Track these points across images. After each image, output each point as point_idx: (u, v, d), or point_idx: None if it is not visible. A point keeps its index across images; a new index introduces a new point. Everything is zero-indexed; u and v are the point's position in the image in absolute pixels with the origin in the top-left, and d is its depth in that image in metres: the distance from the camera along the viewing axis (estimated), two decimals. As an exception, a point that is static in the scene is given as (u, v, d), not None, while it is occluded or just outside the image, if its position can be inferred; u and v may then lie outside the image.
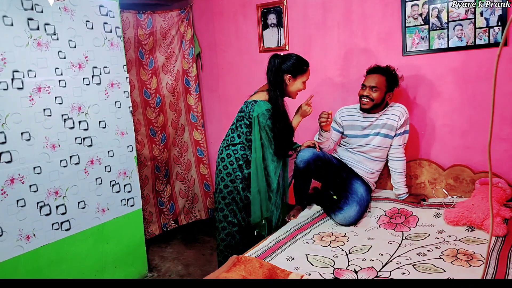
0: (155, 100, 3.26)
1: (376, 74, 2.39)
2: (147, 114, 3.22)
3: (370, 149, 2.46)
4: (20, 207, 2.06)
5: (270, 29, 3.11)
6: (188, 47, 3.40)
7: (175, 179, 3.45)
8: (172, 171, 3.43)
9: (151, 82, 3.23)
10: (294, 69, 2.26)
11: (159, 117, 3.28)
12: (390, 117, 2.40)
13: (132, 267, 2.66)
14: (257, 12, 3.13)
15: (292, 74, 2.26)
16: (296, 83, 2.29)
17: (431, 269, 1.75)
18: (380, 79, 2.37)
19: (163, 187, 3.35)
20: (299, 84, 2.30)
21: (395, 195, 2.51)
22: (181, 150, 3.46)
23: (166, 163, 3.36)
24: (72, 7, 2.25)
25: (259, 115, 2.24)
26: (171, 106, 3.36)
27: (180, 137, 3.45)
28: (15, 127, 2.02)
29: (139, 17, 3.13)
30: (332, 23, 2.83)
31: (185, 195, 3.49)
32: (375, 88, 2.36)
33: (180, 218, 3.47)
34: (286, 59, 2.27)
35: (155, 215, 3.31)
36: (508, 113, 2.33)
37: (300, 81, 2.29)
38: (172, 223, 3.41)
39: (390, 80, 2.39)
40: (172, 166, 3.42)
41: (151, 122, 3.23)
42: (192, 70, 3.44)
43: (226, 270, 1.70)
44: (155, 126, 3.26)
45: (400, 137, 2.42)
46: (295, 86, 2.30)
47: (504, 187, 2.26)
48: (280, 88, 2.29)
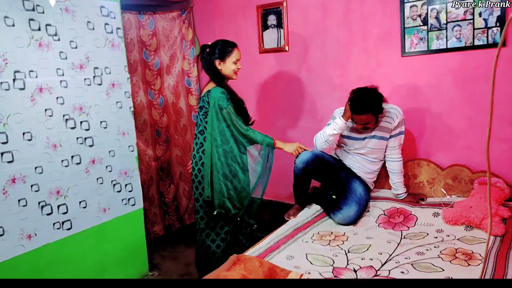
0: (158, 100, 3.27)
1: (363, 115, 2.28)
2: (152, 115, 3.23)
3: (366, 151, 2.48)
4: (22, 207, 2.07)
5: (270, 30, 3.12)
6: (188, 48, 3.41)
7: (179, 179, 3.46)
8: (176, 172, 3.44)
9: (155, 83, 3.25)
10: (219, 53, 2.36)
11: (163, 118, 3.30)
12: (385, 120, 2.41)
13: (133, 266, 2.67)
14: (257, 13, 3.15)
15: (220, 58, 2.36)
16: (228, 65, 2.38)
17: (429, 268, 1.76)
18: (368, 117, 2.28)
19: (167, 187, 3.37)
20: (231, 64, 2.38)
21: (393, 195, 2.53)
22: (184, 150, 3.47)
23: (168, 163, 3.37)
24: (73, 8, 2.26)
25: (219, 99, 2.31)
26: (173, 106, 3.38)
27: (183, 138, 3.46)
28: (16, 127, 2.03)
29: (140, 18, 3.14)
30: (332, 23, 2.84)
31: (189, 195, 3.50)
32: (367, 124, 2.34)
33: (184, 218, 3.49)
34: (212, 46, 2.39)
35: (159, 216, 3.32)
36: (506, 113, 2.34)
37: (230, 62, 2.37)
38: (177, 224, 3.42)
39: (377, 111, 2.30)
40: (175, 167, 3.44)
41: (156, 122, 3.25)
42: (193, 71, 3.45)
43: (226, 269, 1.72)
44: (160, 126, 3.27)
45: (396, 138, 2.43)
46: (228, 68, 2.38)
47: (503, 187, 2.27)
48: (216, 74, 2.38)
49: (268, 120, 3.25)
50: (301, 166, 2.37)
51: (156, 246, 3.17)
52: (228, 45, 2.38)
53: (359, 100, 2.26)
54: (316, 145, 2.49)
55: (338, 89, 2.90)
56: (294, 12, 2.99)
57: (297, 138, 3.13)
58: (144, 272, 2.75)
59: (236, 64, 2.39)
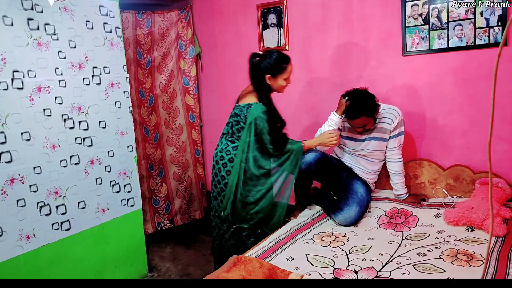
0: (148, 99, 3.28)
1: (358, 119, 2.29)
2: (141, 113, 3.24)
3: (367, 152, 2.47)
4: (20, 207, 2.06)
5: (270, 29, 3.11)
6: (187, 47, 3.40)
7: (171, 178, 3.45)
8: (169, 171, 3.43)
9: (146, 82, 3.26)
10: (272, 69, 2.21)
11: (151, 116, 3.31)
12: (383, 121, 2.39)
13: (132, 267, 2.66)
14: (257, 12, 3.13)
15: (272, 74, 2.22)
16: (278, 82, 2.25)
17: (431, 269, 1.75)
18: (363, 120, 2.29)
19: (158, 186, 3.37)
20: (281, 81, 2.25)
21: (395, 196, 2.52)
22: (179, 150, 3.46)
23: (160, 162, 3.37)
24: (72, 7, 2.25)
25: (257, 119, 2.22)
26: (163, 105, 3.37)
27: (177, 137, 3.45)
28: (15, 127, 2.02)
29: (138, 17, 3.13)
30: (332, 23, 2.83)
31: (182, 196, 3.50)
32: (364, 126, 2.33)
33: (176, 219, 3.47)
34: (264, 58, 2.22)
35: (149, 214, 3.32)
36: (508, 113, 2.33)
37: (281, 79, 2.24)
38: (168, 223, 3.41)
39: (371, 113, 2.30)
40: (168, 166, 3.42)
41: (144, 121, 3.26)
42: (192, 70, 3.44)
43: (226, 270, 1.71)
44: (148, 125, 3.28)
45: (395, 139, 2.41)
46: (277, 85, 2.26)
47: (504, 187, 2.26)
48: (263, 88, 2.25)
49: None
50: (303, 167, 2.36)
51: (154, 246, 3.16)
52: (283, 61, 2.21)
53: (350, 105, 2.26)
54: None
55: (338, 88, 2.88)
56: (295, 11, 2.98)
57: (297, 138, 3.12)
58: (144, 273, 2.74)
59: (287, 81, 2.26)
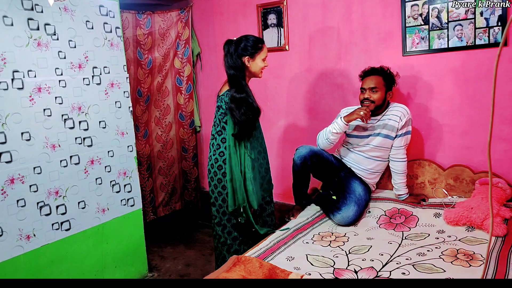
0: (145, 98, 3.31)
1: (373, 75, 2.39)
2: (136, 111, 3.27)
3: (369, 148, 2.46)
4: (20, 207, 2.06)
5: (270, 29, 3.11)
6: (183, 46, 3.41)
7: (157, 173, 3.52)
8: (155, 166, 3.50)
9: (146, 81, 3.28)
10: (250, 49, 2.27)
11: (144, 114, 3.35)
12: (391, 118, 2.40)
13: (132, 267, 2.66)
14: (257, 12, 3.13)
15: (250, 55, 2.27)
16: (256, 62, 2.29)
17: (431, 269, 1.75)
18: (378, 79, 2.37)
19: (145, 181, 3.43)
20: (259, 62, 2.30)
21: (395, 195, 2.51)
22: (166, 146, 3.54)
23: (148, 158, 3.43)
24: (72, 7, 2.25)
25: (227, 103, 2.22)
26: (155, 103, 3.42)
27: (166, 134, 3.51)
28: (15, 127, 2.02)
29: (138, 17, 3.13)
30: (332, 23, 2.83)
31: (165, 189, 3.59)
32: (375, 88, 2.36)
33: (158, 210, 3.57)
34: (240, 42, 2.28)
35: None
36: (508, 113, 2.33)
37: (259, 59, 2.29)
38: (152, 215, 3.49)
39: (387, 78, 2.39)
40: (155, 161, 3.49)
41: (137, 118, 3.30)
42: (186, 70, 3.46)
43: (226, 270, 1.71)
44: (140, 122, 3.32)
45: (402, 138, 2.41)
46: (256, 66, 2.30)
47: (504, 187, 2.25)
48: (242, 71, 2.28)
49: (268, 120, 3.24)
50: (299, 161, 2.38)
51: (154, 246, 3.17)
52: (259, 41, 2.28)
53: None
54: (318, 143, 2.50)
55: (338, 88, 2.89)
56: (295, 11, 2.98)
57: (297, 138, 3.12)
58: (144, 273, 2.74)
59: (264, 62, 2.31)
